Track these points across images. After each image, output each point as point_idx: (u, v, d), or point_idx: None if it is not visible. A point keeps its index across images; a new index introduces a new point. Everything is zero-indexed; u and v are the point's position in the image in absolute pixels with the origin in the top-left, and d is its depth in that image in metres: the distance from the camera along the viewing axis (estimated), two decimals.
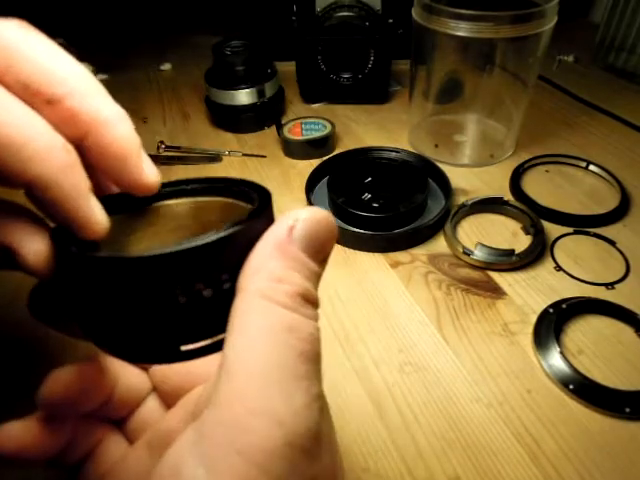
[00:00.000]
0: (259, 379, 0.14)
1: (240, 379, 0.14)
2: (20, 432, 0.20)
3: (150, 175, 0.18)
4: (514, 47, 0.51)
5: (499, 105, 0.58)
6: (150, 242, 0.19)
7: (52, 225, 0.17)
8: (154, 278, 0.14)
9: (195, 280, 0.15)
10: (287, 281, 0.15)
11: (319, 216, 0.17)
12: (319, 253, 0.16)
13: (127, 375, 0.24)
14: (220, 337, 0.16)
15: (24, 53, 0.14)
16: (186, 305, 0.15)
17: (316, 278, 0.16)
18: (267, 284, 0.15)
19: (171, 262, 0.14)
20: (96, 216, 0.16)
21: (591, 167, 0.55)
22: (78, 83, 0.15)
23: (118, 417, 0.24)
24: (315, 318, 0.16)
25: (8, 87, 0.14)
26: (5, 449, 0.19)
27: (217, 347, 0.16)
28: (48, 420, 0.20)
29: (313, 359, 0.15)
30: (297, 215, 0.16)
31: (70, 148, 0.15)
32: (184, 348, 0.16)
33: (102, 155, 0.16)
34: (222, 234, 0.15)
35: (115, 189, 0.19)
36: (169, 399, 0.25)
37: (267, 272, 0.15)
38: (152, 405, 0.25)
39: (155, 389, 0.25)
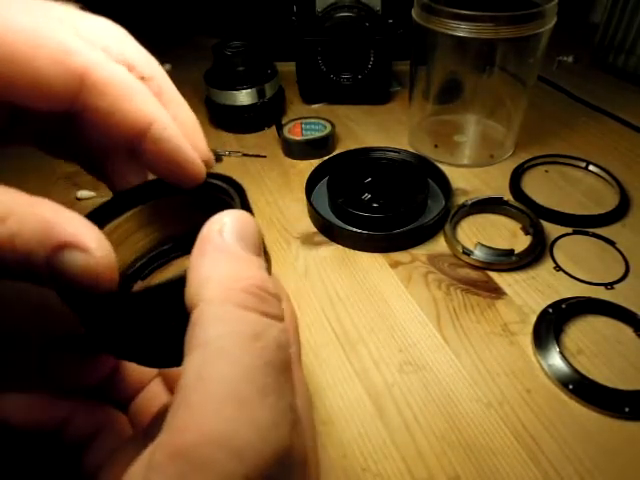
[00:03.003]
0: (218, 400, 0.12)
1: (196, 400, 0.12)
2: (18, 401, 0.19)
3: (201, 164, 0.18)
4: (514, 47, 0.51)
5: (499, 105, 0.58)
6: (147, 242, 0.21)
7: None
8: (159, 307, 0.16)
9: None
10: (241, 277, 0.14)
11: (239, 214, 0.16)
12: (255, 247, 0.16)
13: None
14: None
15: (129, 41, 0.18)
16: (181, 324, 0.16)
17: (265, 271, 0.16)
18: (220, 288, 0.14)
19: (166, 293, 0.15)
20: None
21: (590, 167, 0.55)
22: (159, 68, 0.18)
23: (123, 398, 0.24)
24: (279, 317, 0.15)
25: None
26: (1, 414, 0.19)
27: None
28: (48, 393, 0.20)
29: (280, 367, 0.14)
30: (220, 219, 0.16)
31: None
32: None
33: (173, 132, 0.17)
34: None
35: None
36: (172, 382, 0.24)
37: (216, 277, 0.14)
38: (156, 389, 0.24)
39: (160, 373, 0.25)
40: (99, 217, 0.19)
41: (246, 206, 0.18)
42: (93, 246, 0.14)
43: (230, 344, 0.13)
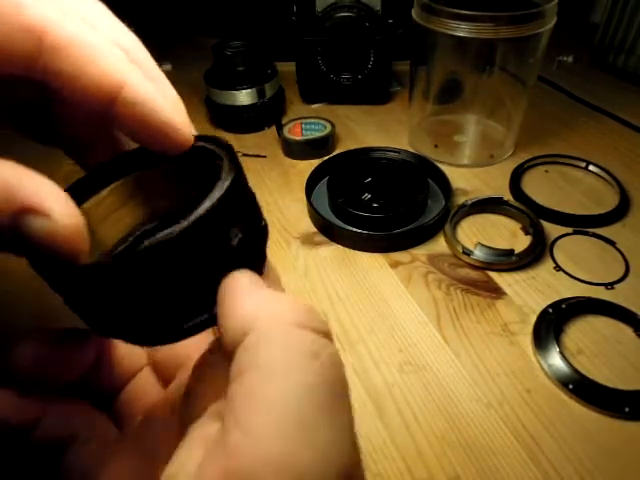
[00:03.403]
0: (276, 420, 0.12)
1: (253, 420, 0.12)
2: None
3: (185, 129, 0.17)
4: (514, 47, 0.51)
5: (499, 105, 0.58)
6: (132, 218, 0.19)
7: None
8: (146, 273, 0.14)
9: (185, 270, 0.15)
10: (288, 308, 0.14)
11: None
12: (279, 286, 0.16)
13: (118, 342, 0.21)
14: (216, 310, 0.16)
15: (99, 8, 0.17)
16: (179, 292, 0.15)
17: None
18: (272, 317, 0.14)
19: (154, 257, 0.14)
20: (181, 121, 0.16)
21: (590, 167, 0.55)
22: (137, 40, 0.17)
23: (107, 391, 0.22)
24: (331, 336, 0.14)
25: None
26: None
27: (214, 319, 0.16)
28: (15, 390, 0.18)
29: (338, 385, 0.13)
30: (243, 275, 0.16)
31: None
32: (187, 325, 0.16)
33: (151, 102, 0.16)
34: (186, 225, 0.14)
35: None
36: (164, 371, 0.23)
37: (265, 312, 0.14)
38: (146, 380, 0.22)
39: (150, 361, 0.23)
40: (79, 191, 0.18)
41: (235, 167, 0.17)
42: (56, 210, 0.13)
43: (288, 363, 0.12)
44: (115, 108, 0.15)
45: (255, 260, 0.17)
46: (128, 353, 0.22)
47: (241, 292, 0.15)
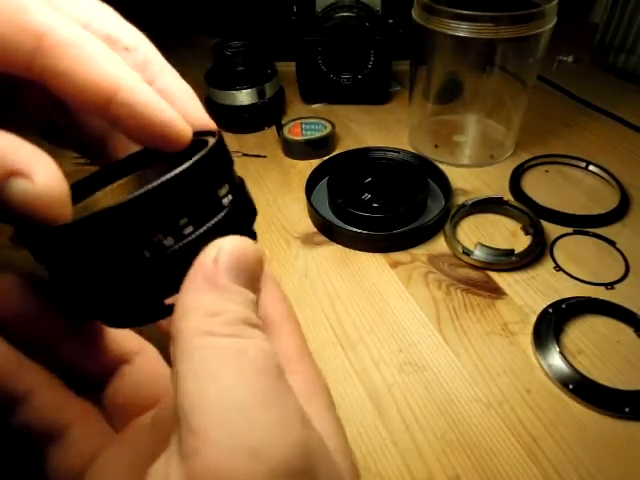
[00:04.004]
0: (222, 416, 0.13)
1: (202, 424, 0.13)
2: None
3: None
4: (514, 47, 0.51)
5: (499, 105, 0.58)
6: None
7: None
8: (114, 234, 0.14)
9: (152, 231, 0.15)
10: (225, 311, 0.14)
11: (243, 244, 0.16)
12: (250, 281, 0.15)
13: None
14: None
15: (111, 14, 0.17)
16: (153, 258, 0.15)
17: (253, 306, 0.15)
18: (203, 320, 0.14)
19: (123, 215, 0.14)
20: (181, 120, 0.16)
21: (591, 167, 0.55)
22: (144, 39, 0.18)
23: (95, 377, 0.20)
24: (260, 335, 0.15)
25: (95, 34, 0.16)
26: None
27: None
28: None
29: (273, 371, 0.14)
30: (219, 245, 0.15)
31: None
32: (168, 301, 0.16)
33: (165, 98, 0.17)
34: (165, 178, 0.14)
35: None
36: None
37: (200, 308, 0.14)
38: (146, 366, 0.21)
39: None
40: (85, 187, 0.18)
41: (217, 144, 0.17)
42: (40, 174, 0.13)
43: (218, 364, 0.13)
44: (111, 109, 0.16)
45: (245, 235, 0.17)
46: (120, 334, 0.21)
47: (198, 274, 0.15)
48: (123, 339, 0.21)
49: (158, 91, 0.17)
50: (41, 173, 0.13)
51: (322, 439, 0.15)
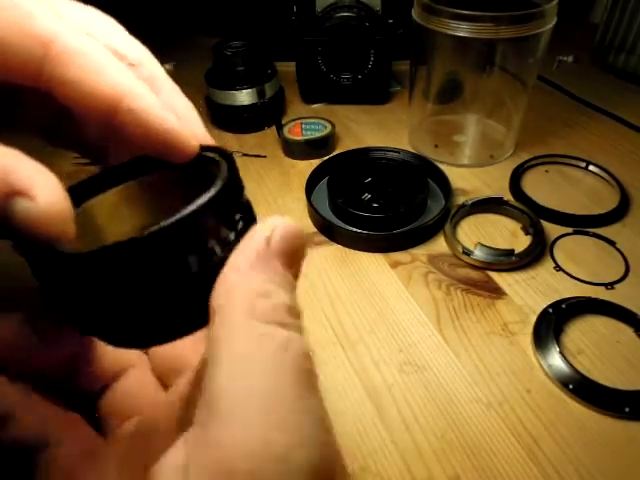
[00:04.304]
0: (253, 410, 0.12)
1: (233, 416, 0.12)
2: None
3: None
4: (514, 47, 0.51)
5: (499, 105, 0.58)
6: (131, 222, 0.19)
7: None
8: (129, 268, 0.14)
9: (176, 259, 0.15)
10: (274, 295, 0.14)
11: (293, 226, 0.15)
12: (295, 265, 0.15)
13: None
14: None
15: (116, 28, 0.18)
16: (173, 289, 0.15)
17: (295, 292, 0.15)
18: (251, 300, 0.13)
19: (141, 249, 0.14)
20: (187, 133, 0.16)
21: (591, 167, 0.55)
22: (148, 53, 0.18)
23: (91, 388, 0.20)
24: (302, 331, 0.14)
25: None
26: None
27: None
28: None
29: (310, 375, 0.14)
30: (273, 224, 0.15)
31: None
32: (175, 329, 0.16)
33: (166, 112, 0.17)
34: (183, 213, 0.14)
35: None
36: (162, 377, 0.21)
37: (249, 287, 0.14)
38: (138, 380, 0.21)
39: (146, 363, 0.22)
40: (84, 190, 0.18)
41: (233, 175, 0.17)
42: (41, 193, 0.13)
43: (259, 355, 0.13)
44: (117, 117, 0.16)
45: None
46: (112, 350, 0.20)
47: (249, 249, 0.14)
48: (119, 354, 0.21)
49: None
50: (43, 192, 0.13)
51: (339, 453, 0.14)
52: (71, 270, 0.14)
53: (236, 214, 0.16)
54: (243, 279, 0.14)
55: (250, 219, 0.17)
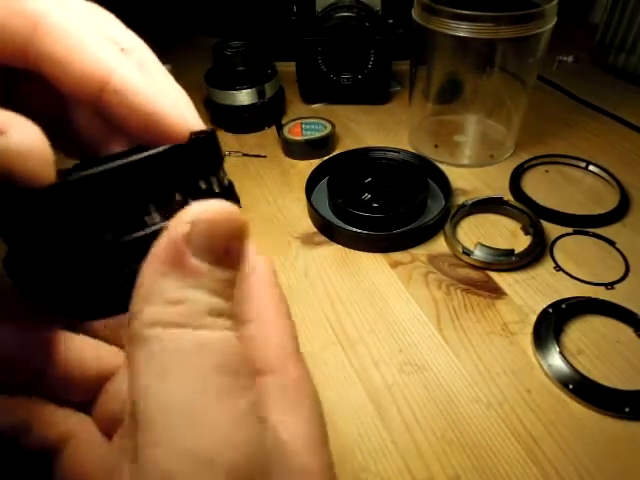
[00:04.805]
0: (169, 417, 0.12)
1: (151, 424, 0.12)
2: None
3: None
4: (514, 47, 0.51)
5: (499, 105, 0.58)
6: None
7: None
8: (87, 203, 0.13)
9: (121, 213, 0.14)
10: (187, 300, 0.13)
11: (219, 213, 0.14)
12: (226, 255, 0.14)
13: (83, 344, 0.20)
14: None
15: (105, 14, 0.17)
16: (114, 243, 0.14)
17: (225, 285, 0.14)
18: (160, 309, 0.13)
19: (101, 183, 0.13)
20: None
21: (590, 167, 0.55)
22: (140, 41, 0.17)
23: (84, 398, 0.20)
24: (226, 327, 0.14)
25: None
26: None
27: None
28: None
29: (232, 368, 0.13)
30: (192, 216, 0.13)
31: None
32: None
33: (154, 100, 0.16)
34: (146, 154, 0.14)
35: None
36: None
37: (159, 294, 0.13)
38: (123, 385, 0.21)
39: None
40: (71, 173, 0.17)
41: (205, 147, 0.16)
42: (15, 128, 0.13)
43: (171, 358, 0.13)
44: (104, 96, 0.15)
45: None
46: (97, 354, 0.20)
47: (156, 256, 0.13)
48: (102, 358, 0.20)
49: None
50: (18, 129, 0.13)
51: (279, 439, 0.14)
52: (29, 205, 0.13)
53: (201, 180, 0.15)
54: (153, 284, 0.13)
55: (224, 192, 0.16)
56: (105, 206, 0.14)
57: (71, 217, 0.13)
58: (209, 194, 0.15)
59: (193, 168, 0.15)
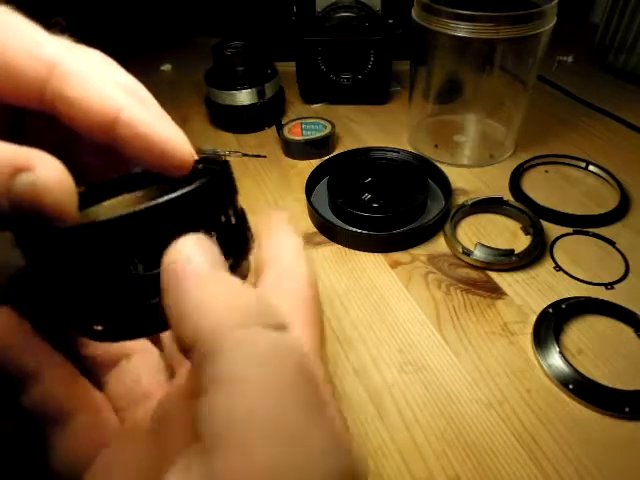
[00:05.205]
0: (260, 437, 0.11)
1: (237, 441, 0.11)
2: None
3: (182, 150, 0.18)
4: (514, 48, 0.51)
5: (499, 105, 0.58)
6: None
7: None
8: (119, 244, 0.14)
9: (151, 247, 0.15)
10: (233, 297, 0.14)
11: (194, 238, 0.15)
12: (223, 263, 0.15)
13: None
14: None
15: (106, 59, 0.18)
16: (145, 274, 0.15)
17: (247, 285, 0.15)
18: (218, 315, 0.13)
19: (132, 225, 0.14)
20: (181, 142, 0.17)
21: (590, 167, 0.55)
22: (141, 85, 0.19)
23: (95, 366, 0.20)
24: (283, 325, 0.14)
25: None
26: None
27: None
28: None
29: (310, 375, 0.13)
30: (181, 247, 0.14)
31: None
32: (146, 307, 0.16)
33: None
34: (171, 196, 0.15)
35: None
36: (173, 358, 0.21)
37: (208, 306, 0.13)
38: (146, 362, 0.21)
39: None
40: (80, 200, 0.18)
41: (223, 182, 0.17)
42: (40, 165, 0.14)
43: (250, 372, 0.12)
44: (116, 129, 0.16)
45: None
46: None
47: (186, 283, 0.14)
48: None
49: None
50: (45, 165, 0.14)
51: (358, 453, 0.13)
52: (59, 241, 0.14)
53: (222, 214, 0.16)
54: (196, 298, 0.14)
55: (236, 234, 0.17)
56: (136, 243, 0.15)
57: (105, 253, 0.14)
58: (227, 227, 0.17)
59: (214, 203, 0.16)
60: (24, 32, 0.16)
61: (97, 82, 0.16)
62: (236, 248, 0.17)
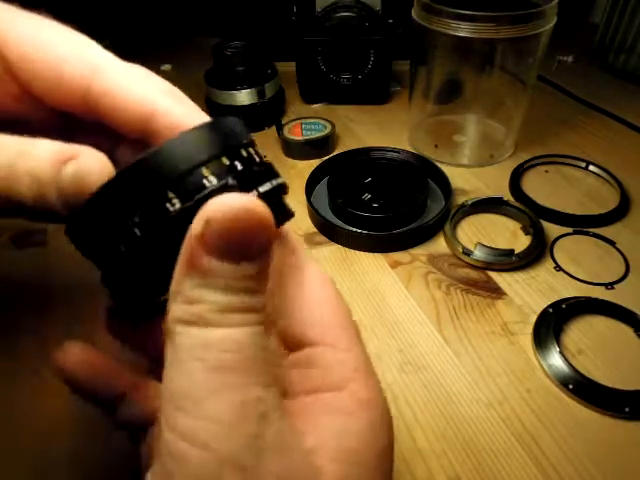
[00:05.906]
0: (183, 406, 0.14)
1: (164, 407, 0.14)
2: (83, 353, 0.20)
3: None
4: (514, 47, 0.51)
5: (499, 105, 0.58)
6: None
7: None
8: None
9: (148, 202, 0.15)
10: (202, 300, 0.14)
11: (237, 208, 0.13)
12: (247, 251, 0.14)
13: None
14: None
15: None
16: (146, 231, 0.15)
17: (248, 280, 0.14)
18: (180, 307, 0.14)
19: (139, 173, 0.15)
20: None
21: (591, 167, 0.55)
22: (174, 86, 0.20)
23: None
24: (248, 322, 0.15)
25: None
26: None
27: None
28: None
29: (238, 367, 0.14)
30: (207, 215, 0.14)
31: None
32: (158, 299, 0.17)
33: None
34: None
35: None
36: None
37: (180, 294, 0.14)
38: None
39: None
40: None
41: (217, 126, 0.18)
42: (85, 155, 0.15)
43: (187, 354, 0.14)
44: (155, 120, 0.18)
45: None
46: None
47: (180, 259, 0.15)
48: None
49: None
50: (87, 155, 0.16)
51: (284, 435, 0.15)
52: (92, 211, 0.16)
53: (210, 166, 0.16)
54: (175, 285, 0.15)
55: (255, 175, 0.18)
56: (169, 177, 0.15)
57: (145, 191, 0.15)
58: (250, 162, 0.19)
59: (233, 135, 0.19)
60: (70, 37, 0.18)
61: (136, 78, 0.18)
62: (264, 176, 0.19)
